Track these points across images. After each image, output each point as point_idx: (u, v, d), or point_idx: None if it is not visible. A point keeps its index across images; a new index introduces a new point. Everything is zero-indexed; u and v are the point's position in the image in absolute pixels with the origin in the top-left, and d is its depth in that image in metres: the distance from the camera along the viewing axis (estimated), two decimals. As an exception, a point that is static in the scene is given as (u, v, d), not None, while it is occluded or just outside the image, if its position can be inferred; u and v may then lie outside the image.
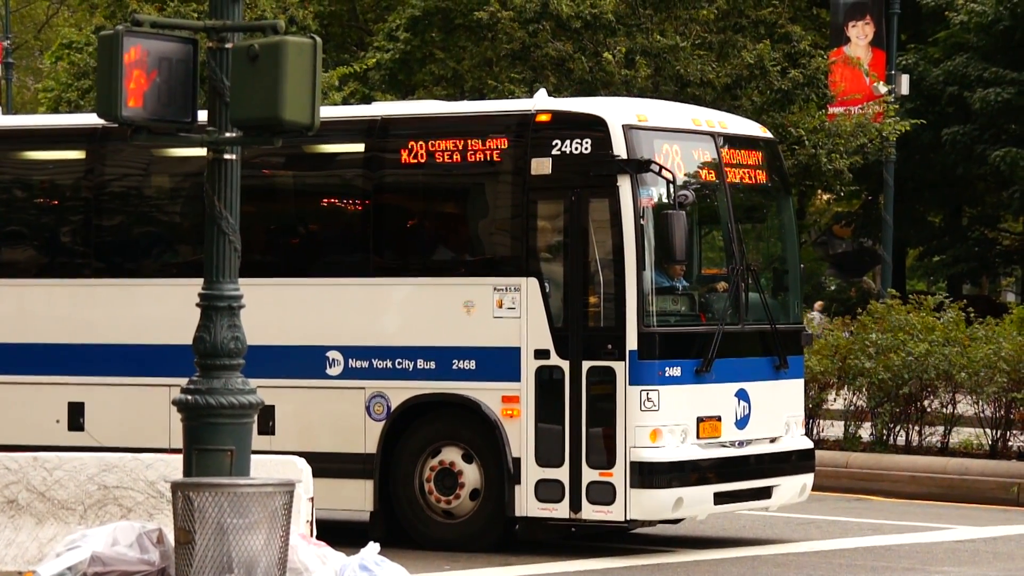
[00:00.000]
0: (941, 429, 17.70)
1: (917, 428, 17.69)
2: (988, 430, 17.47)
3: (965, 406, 17.76)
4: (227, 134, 8.94)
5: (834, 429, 18.37)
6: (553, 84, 22.09)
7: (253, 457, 9.15)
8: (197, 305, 9.12)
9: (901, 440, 17.75)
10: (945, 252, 35.24)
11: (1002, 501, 16.21)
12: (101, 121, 8.97)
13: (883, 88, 25.52)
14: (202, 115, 9.14)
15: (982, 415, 17.51)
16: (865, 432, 18.01)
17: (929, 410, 17.72)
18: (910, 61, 30.77)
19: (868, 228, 35.49)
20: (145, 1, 25.23)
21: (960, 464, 16.88)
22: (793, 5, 25.93)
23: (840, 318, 19.52)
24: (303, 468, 10.03)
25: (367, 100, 23.01)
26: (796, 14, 26.49)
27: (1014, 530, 14.43)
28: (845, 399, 18.08)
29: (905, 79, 27.44)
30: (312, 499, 10.04)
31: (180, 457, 9.14)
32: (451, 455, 12.89)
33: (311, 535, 9.91)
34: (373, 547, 9.60)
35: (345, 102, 22.84)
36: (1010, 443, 17.35)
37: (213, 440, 8.86)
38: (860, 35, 27.42)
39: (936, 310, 18.43)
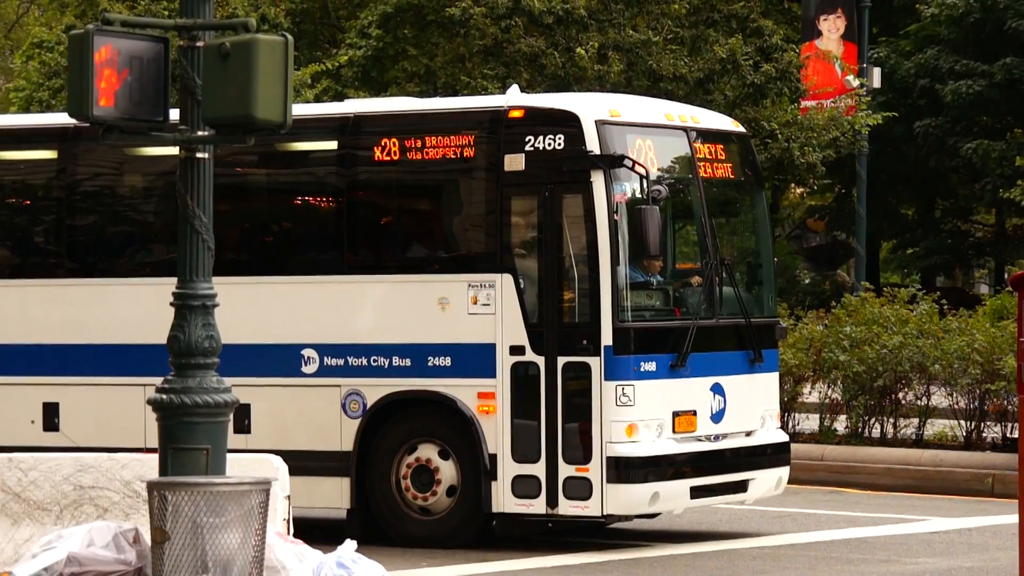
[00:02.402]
0: (916, 421, 17.76)
1: (892, 420, 17.75)
2: (962, 422, 17.54)
3: (939, 398, 17.83)
4: (199, 133, 8.92)
5: (809, 422, 18.42)
6: (526, 80, 22.09)
7: (229, 456, 9.13)
8: (171, 304, 9.10)
9: (876, 432, 17.81)
10: (918, 244, 35.35)
11: (976, 492, 16.28)
12: (73, 120, 8.94)
13: (855, 81, 25.58)
14: (174, 114, 9.11)
15: (956, 407, 17.58)
16: (840, 425, 18.07)
17: (903, 402, 17.79)
18: (881, 54, 30.84)
19: (841, 221, 35.57)
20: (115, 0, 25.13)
21: (935, 456, 16.95)
22: (765, -1, 25.98)
23: (814, 311, 19.58)
24: (279, 466, 10.01)
25: (340, 97, 22.96)
26: (768, 8, 26.51)
27: (988, 521, 14.49)
28: (820, 392, 18.14)
29: (877, 72, 27.50)
30: (289, 497, 10.03)
31: (156, 456, 9.12)
32: (427, 452, 12.88)
33: (288, 533, 9.89)
34: (350, 545, 9.59)
35: (318, 99, 22.80)
36: (984, 434, 17.42)
37: (189, 439, 8.84)
38: (831, 28, 27.47)
39: (910, 302, 18.50)
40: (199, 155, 8.96)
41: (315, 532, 11.14)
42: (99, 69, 8.57)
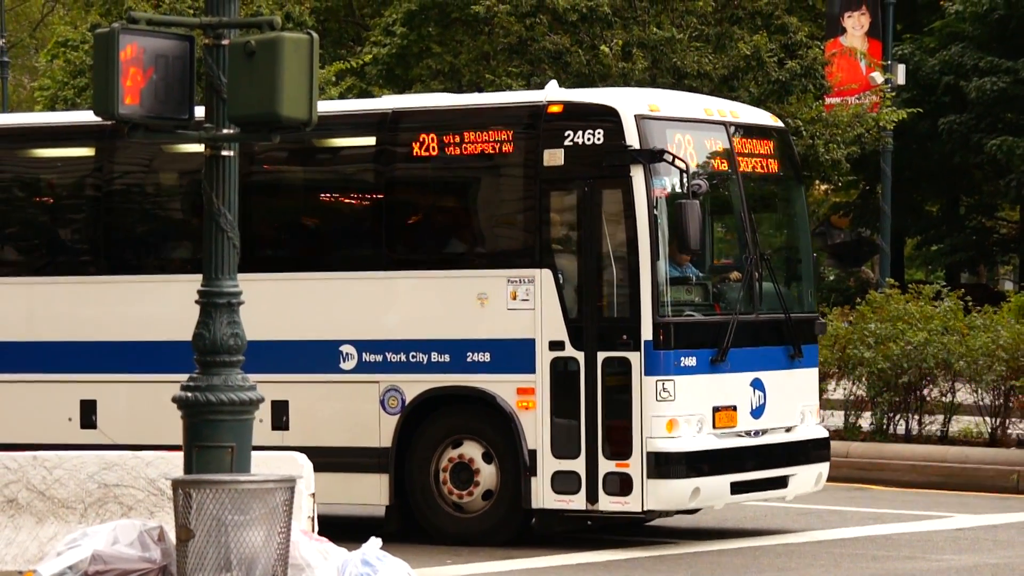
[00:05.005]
0: (941, 418, 17.72)
1: (917, 417, 17.70)
2: (987, 418, 17.49)
3: (964, 394, 17.78)
4: (224, 131, 8.94)
5: (834, 419, 18.36)
6: (550, 77, 22.02)
7: (254, 453, 9.15)
8: (196, 302, 9.12)
9: (901, 429, 17.76)
10: (943, 241, 35.22)
11: (1002, 489, 16.22)
12: (107, 118, 8.94)
13: (879, 78, 25.51)
14: (199, 111, 9.13)
15: (981, 403, 17.53)
16: (865, 422, 18.02)
17: (928, 399, 17.74)
18: (906, 51, 30.72)
19: (866, 218, 35.45)
20: (141, -2, 25.18)
21: (960, 452, 16.89)
22: (789, -4, 25.90)
23: (839, 308, 19.53)
24: (304, 464, 10.03)
25: (364, 95, 22.98)
26: (792, 5, 26.41)
27: (1014, 518, 14.44)
28: (845, 389, 18.10)
29: (901, 69, 27.40)
30: (314, 495, 10.04)
31: (181, 454, 9.14)
32: (466, 448, 12.80)
33: (313, 531, 9.91)
34: (375, 542, 9.60)
35: (342, 97, 22.81)
36: (1009, 431, 17.37)
37: (213, 437, 8.86)
38: (856, 25, 27.39)
39: (934, 299, 18.44)
40: (224, 153, 8.97)
41: (350, 530, 11.14)
42: (124, 67, 8.60)
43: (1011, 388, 17.18)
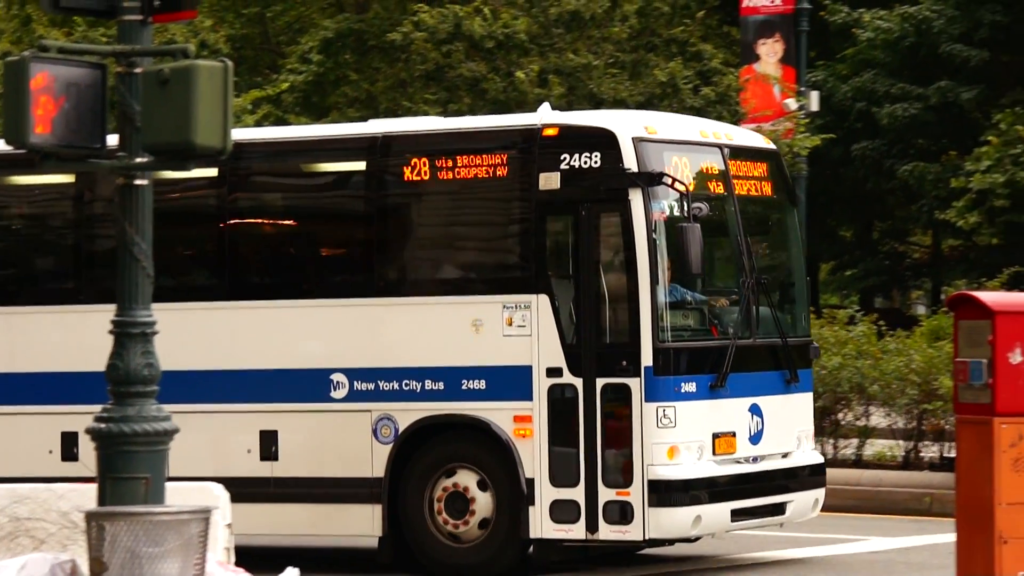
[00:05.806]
0: (855, 442, 17.89)
1: (832, 441, 17.86)
2: (901, 442, 17.68)
3: (878, 418, 17.96)
4: (138, 159, 8.88)
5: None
6: (467, 104, 22.13)
7: (169, 484, 9.07)
8: (110, 332, 9.05)
9: (816, 453, 17.90)
10: (857, 266, 35.59)
11: (915, 512, 16.40)
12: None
13: (793, 104, 25.78)
14: (112, 139, 9.07)
15: (895, 427, 17.71)
16: (781, 446, 18.14)
17: (843, 423, 17.89)
18: (819, 78, 31.08)
19: (781, 243, 35.71)
20: (52, 26, 25.01)
21: (874, 476, 17.06)
22: (704, 24, 26.16)
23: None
24: (220, 495, 9.95)
25: (281, 123, 22.93)
26: (707, 33, 26.69)
27: (927, 540, 14.60)
28: (761, 414, 18.21)
29: (815, 95, 27.71)
30: (230, 525, 9.97)
31: (95, 487, 9.05)
32: (462, 478, 12.56)
33: (229, 561, 9.83)
34: (292, 572, 9.55)
35: (258, 125, 22.75)
36: (922, 454, 17.57)
37: (128, 468, 8.78)
38: (770, 53, 27.68)
39: (848, 324, 18.63)
40: (137, 182, 8.91)
41: (342, 563, 10.93)
42: (35, 96, 8.51)
43: (924, 412, 17.38)
